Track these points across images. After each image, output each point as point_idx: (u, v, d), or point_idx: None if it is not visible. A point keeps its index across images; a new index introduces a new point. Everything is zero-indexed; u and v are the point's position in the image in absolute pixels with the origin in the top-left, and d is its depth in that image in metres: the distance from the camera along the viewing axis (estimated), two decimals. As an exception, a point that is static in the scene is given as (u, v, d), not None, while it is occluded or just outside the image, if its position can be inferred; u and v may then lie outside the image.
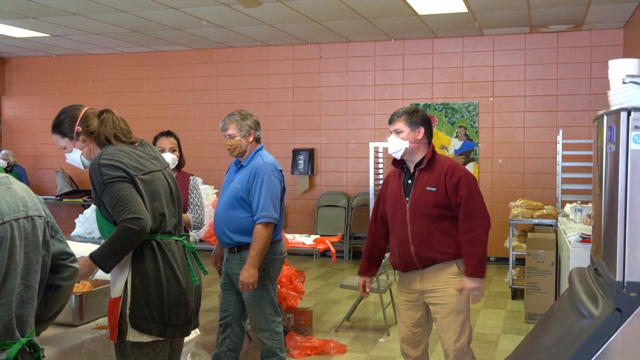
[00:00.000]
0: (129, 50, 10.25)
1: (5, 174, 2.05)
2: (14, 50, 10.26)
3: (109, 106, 3.00)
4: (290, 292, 5.19)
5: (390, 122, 3.55)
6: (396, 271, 3.67)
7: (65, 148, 2.88)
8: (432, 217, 3.39)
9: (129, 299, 2.61)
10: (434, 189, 3.39)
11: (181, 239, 2.90)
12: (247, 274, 3.73)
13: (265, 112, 9.86)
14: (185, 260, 2.85)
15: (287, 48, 9.72)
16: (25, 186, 2.12)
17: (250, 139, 3.92)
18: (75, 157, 2.87)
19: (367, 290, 3.69)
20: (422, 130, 3.48)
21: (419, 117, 3.52)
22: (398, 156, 3.49)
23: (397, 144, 3.46)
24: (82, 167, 2.90)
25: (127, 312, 2.60)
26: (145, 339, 2.61)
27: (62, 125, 2.84)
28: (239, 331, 4.08)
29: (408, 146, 3.45)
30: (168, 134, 4.56)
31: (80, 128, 2.80)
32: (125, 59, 10.45)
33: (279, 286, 5.11)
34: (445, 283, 3.47)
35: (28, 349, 1.94)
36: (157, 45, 9.72)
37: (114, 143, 2.76)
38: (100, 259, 2.59)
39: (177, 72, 10.29)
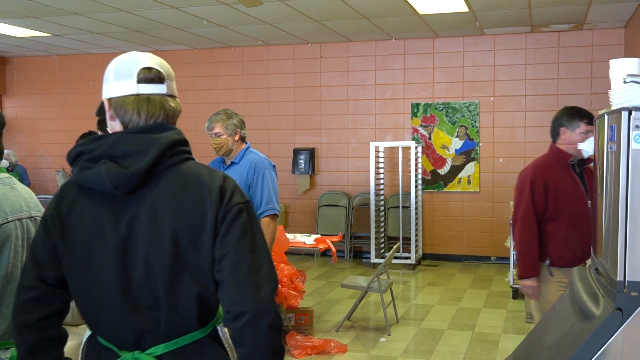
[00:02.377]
0: (129, 50, 10.23)
1: (8, 175, 2.04)
2: (15, 49, 10.26)
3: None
4: (291, 292, 5.19)
5: (593, 123, 3.61)
6: (552, 268, 3.61)
7: None
8: None
9: None
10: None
11: None
12: None
13: (265, 112, 9.86)
14: None
15: (287, 47, 9.72)
16: (27, 188, 2.11)
17: (236, 138, 3.96)
18: None
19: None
20: None
21: None
22: (587, 155, 3.61)
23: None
24: None
25: None
26: None
27: (104, 123, 2.88)
28: None
29: None
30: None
31: None
32: (126, 59, 10.43)
33: (279, 286, 5.12)
34: None
35: None
36: (157, 44, 9.72)
37: None
38: None
39: (177, 72, 10.17)
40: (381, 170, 9.00)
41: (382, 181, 9.03)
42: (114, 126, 1.69)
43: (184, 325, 1.61)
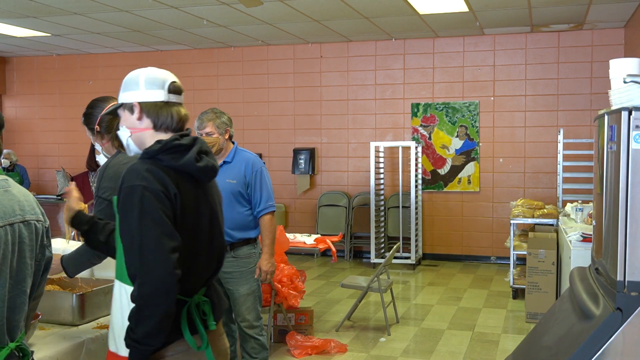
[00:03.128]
0: (129, 50, 10.25)
1: (4, 177, 2.01)
2: (15, 49, 10.26)
3: (109, 106, 3.01)
4: (291, 292, 5.19)
5: None
6: None
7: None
8: None
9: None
10: None
11: None
12: (269, 263, 3.87)
13: (266, 112, 9.86)
14: None
15: (287, 47, 9.72)
16: (25, 190, 2.08)
17: (227, 136, 3.95)
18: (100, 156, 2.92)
19: None
20: None
21: None
22: None
23: None
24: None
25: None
26: None
27: (87, 118, 2.89)
28: (232, 329, 4.14)
29: None
30: None
31: (98, 127, 2.82)
32: (126, 59, 10.44)
33: (279, 285, 5.12)
34: None
35: (17, 353, 1.92)
36: (157, 44, 9.72)
37: (122, 151, 2.76)
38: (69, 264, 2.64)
39: (177, 72, 10.11)
40: (381, 170, 9.00)
41: (382, 181, 9.02)
42: (137, 124, 2.14)
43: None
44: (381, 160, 8.98)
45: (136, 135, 2.15)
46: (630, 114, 2.52)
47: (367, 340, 5.47)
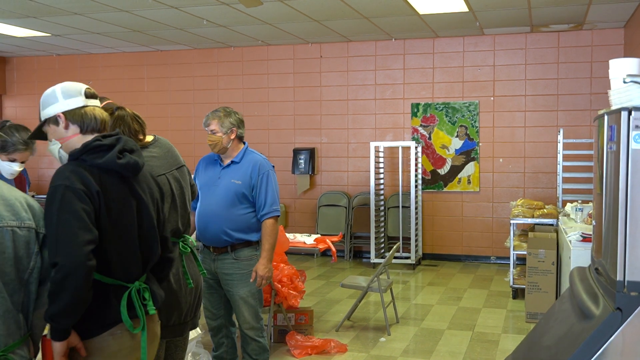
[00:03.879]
0: (129, 50, 10.25)
1: None
2: (15, 49, 10.26)
3: (110, 106, 3.01)
4: (291, 292, 5.19)
5: None
6: None
7: None
8: None
9: None
10: None
11: (179, 240, 2.91)
12: (266, 268, 3.79)
13: (266, 112, 9.86)
14: (180, 262, 2.87)
15: (287, 47, 9.72)
16: (11, 194, 2.04)
17: (232, 137, 3.92)
18: None
19: None
20: None
21: None
22: None
23: None
24: None
25: None
26: None
27: None
28: (232, 331, 4.14)
29: None
30: None
31: None
32: (126, 59, 10.44)
33: (279, 285, 5.12)
34: None
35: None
36: (157, 44, 9.72)
37: None
38: None
39: (177, 72, 10.28)
40: (381, 170, 9.00)
41: (382, 181, 9.02)
42: (64, 134, 2.30)
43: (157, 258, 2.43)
44: (381, 160, 8.98)
45: (65, 144, 2.31)
46: (630, 114, 2.52)
47: (367, 340, 5.47)
